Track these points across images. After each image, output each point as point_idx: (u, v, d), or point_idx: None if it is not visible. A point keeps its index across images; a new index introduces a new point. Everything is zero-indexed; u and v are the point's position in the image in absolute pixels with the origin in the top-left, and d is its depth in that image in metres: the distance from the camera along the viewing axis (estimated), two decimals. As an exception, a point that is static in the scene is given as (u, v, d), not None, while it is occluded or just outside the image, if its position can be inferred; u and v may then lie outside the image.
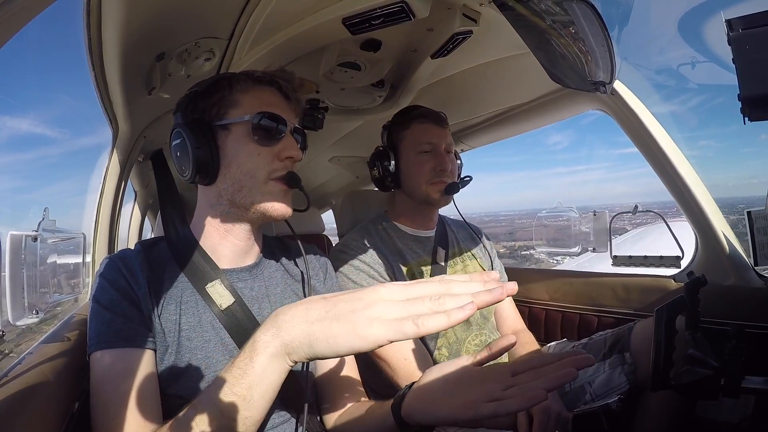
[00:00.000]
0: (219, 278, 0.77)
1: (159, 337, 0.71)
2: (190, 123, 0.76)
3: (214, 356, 0.73)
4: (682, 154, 1.21)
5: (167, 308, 0.73)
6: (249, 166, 0.75)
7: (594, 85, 1.02)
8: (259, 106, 0.76)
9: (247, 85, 0.79)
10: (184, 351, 0.71)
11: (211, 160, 0.75)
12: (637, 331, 1.06)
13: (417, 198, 1.23)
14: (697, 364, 0.69)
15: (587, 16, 0.83)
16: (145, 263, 0.74)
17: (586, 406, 0.85)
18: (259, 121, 0.75)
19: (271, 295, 0.83)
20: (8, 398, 0.56)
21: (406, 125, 1.23)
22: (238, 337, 0.74)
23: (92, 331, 0.68)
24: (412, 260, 1.20)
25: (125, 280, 0.71)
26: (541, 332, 1.59)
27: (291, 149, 0.77)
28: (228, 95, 0.78)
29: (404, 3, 0.91)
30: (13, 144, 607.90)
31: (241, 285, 0.80)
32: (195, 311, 0.74)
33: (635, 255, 1.41)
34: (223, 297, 0.76)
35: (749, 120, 0.48)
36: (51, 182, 34.44)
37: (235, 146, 0.76)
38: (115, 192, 1.25)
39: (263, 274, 0.84)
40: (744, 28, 0.47)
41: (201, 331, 0.73)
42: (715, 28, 0.57)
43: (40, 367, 0.67)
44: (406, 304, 0.47)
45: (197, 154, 0.74)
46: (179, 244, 0.80)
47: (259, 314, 0.78)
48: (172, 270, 0.77)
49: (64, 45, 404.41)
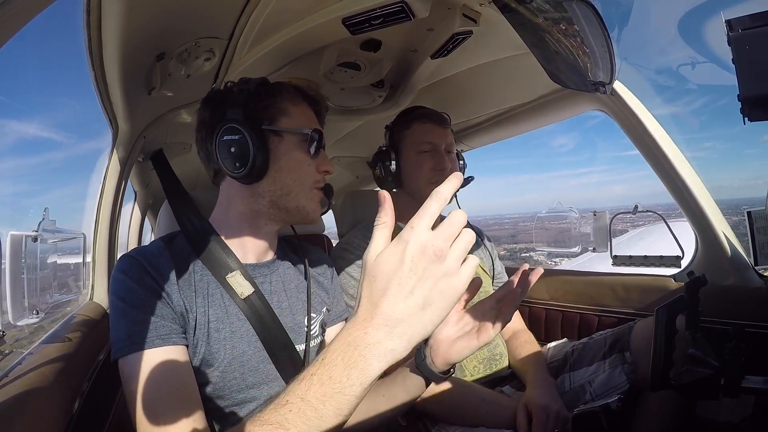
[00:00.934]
0: (239, 269, 0.79)
1: (190, 331, 0.72)
2: (247, 121, 0.78)
3: (240, 346, 0.75)
4: (681, 155, 1.21)
5: (196, 301, 0.74)
6: (299, 174, 0.81)
7: (594, 86, 1.02)
8: (308, 121, 0.84)
9: (297, 99, 0.84)
10: (213, 342, 0.73)
11: (265, 161, 0.78)
12: (637, 331, 1.06)
13: (418, 198, 1.24)
14: (697, 364, 0.69)
15: (587, 16, 0.83)
16: (170, 258, 0.76)
17: (586, 406, 0.85)
18: (314, 136, 0.81)
19: (288, 289, 0.86)
20: (9, 398, 0.56)
21: (408, 125, 1.24)
22: (259, 327, 0.77)
23: (121, 333, 0.67)
24: None
25: (151, 277, 0.71)
26: (542, 332, 1.59)
27: (328, 164, 0.85)
28: (279, 102, 0.82)
29: (404, 3, 0.91)
30: (19, 148, 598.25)
31: (260, 279, 0.83)
32: (221, 303, 0.76)
33: (635, 255, 1.42)
34: (243, 287, 0.78)
35: (749, 120, 0.48)
36: (57, 186, 33.80)
37: (287, 153, 0.80)
38: (115, 192, 1.25)
39: (279, 270, 0.88)
40: (744, 28, 0.47)
41: (228, 322, 0.75)
42: (715, 29, 0.57)
43: (40, 367, 0.67)
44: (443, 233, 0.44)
45: (257, 154, 0.77)
46: (198, 237, 0.82)
47: (277, 306, 0.81)
48: (194, 263, 0.78)
49: (67, 47, 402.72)
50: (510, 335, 1.30)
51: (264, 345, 0.77)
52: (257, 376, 0.76)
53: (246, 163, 0.77)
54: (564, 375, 1.12)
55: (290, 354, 0.80)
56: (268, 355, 0.77)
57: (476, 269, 1.29)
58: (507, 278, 1.41)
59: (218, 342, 0.73)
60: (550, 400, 0.95)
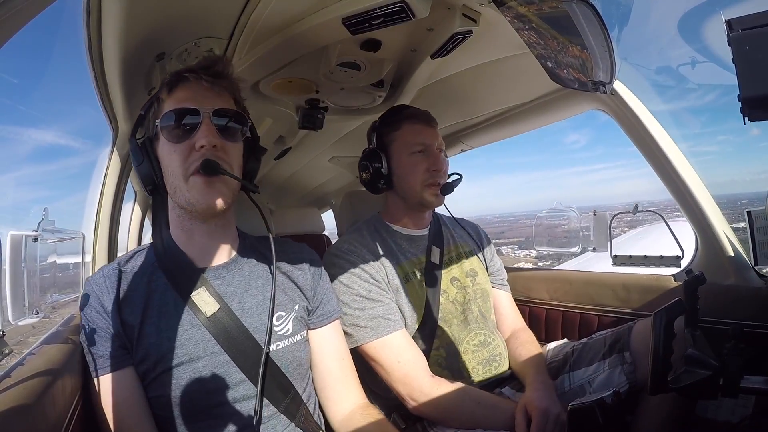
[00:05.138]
0: (203, 285, 0.79)
1: (138, 345, 0.74)
2: (134, 141, 0.80)
3: (196, 353, 0.75)
4: (681, 154, 1.21)
5: (146, 315, 0.76)
6: (171, 167, 0.77)
7: (594, 85, 1.02)
8: (171, 106, 0.77)
9: (165, 91, 0.80)
10: (164, 351, 0.74)
11: (153, 172, 0.78)
12: (637, 331, 1.06)
13: (410, 200, 1.22)
14: (696, 364, 0.69)
15: (587, 16, 0.83)
16: (117, 279, 0.78)
17: (581, 400, 0.85)
18: (165, 122, 0.76)
19: (252, 288, 0.84)
20: (9, 398, 0.56)
21: (397, 126, 1.22)
22: (225, 342, 0.77)
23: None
24: (405, 261, 1.20)
25: (92, 307, 0.76)
26: (542, 332, 1.59)
27: (202, 137, 0.75)
28: (156, 107, 0.80)
29: (404, 3, 0.91)
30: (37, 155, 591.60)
31: (218, 282, 0.81)
32: (174, 313, 0.77)
33: (635, 255, 1.41)
34: (208, 304, 0.78)
35: (749, 120, 0.48)
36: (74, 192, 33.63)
37: (161, 152, 0.79)
38: (115, 192, 1.25)
39: (242, 269, 0.85)
40: (744, 28, 0.47)
41: (181, 330, 0.76)
42: (715, 29, 0.57)
43: (41, 367, 0.67)
44: None
45: (140, 171, 0.78)
46: (162, 250, 0.83)
47: (240, 308, 0.80)
48: (154, 275, 0.80)
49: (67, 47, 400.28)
50: (510, 334, 1.30)
51: (227, 351, 0.77)
52: (218, 381, 0.75)
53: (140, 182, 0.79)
54: (564, 375, 1.12)
55: (258, 357, 0.78)
56: (231, 359, 0.77)
57: (473, 263, 1.28)
58: (506, 275, 1.41)
59: (170, 350, 0.74)
60: (549, 404, 0.95)
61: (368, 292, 1.09)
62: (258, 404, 0.76)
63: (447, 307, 1.19)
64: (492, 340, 1.21)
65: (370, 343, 1.05)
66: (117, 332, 0.74)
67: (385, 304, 1.09)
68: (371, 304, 1.08)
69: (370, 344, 1.05)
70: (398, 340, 1.06)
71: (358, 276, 1.11)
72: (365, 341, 1.05)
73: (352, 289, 1.09)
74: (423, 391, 1.01)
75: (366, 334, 1.05)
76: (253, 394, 0.77)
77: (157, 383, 0.74)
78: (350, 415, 0.89)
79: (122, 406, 0.73)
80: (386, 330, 1.06)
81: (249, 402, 0.77)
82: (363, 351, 1.06)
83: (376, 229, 1.24)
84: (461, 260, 1.28)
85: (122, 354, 0.74)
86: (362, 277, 1.11)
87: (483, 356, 1.18)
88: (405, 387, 1.02)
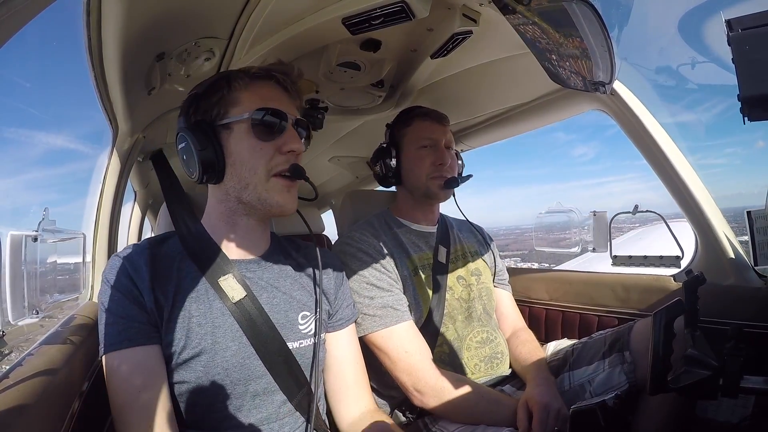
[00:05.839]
0: (231, 272, 0.79)
1: (167, 328, 0.73)
2: (192, 125, 0.79)
3: (224, 342, 0.75)
4: (682, 155, 1.21)
5: (176, 297, 0.75)
6: (251, 163, 0.78)
7: (594, 85, 1.02)
8: (258, 102, 0.78)
9: (245, 82, 0.80)
10: (193, 336, 0.73)
11: (216, 160, 0.77)
12: (637, 331, 1.06)
13: (417, 192, 1.26)
14: (696, 365, 0.69)
15: (587, 16, 0.83)
16: (150, 258, 0.77)
17: (584, 403, 0.86)
18: (259, 117, 0.77)
19: (281, 286, 0.85)
20: (9, 399, 0.56)
21: (408, 122, 1.27)
22: (249, 330, 0.77)
23: (100, 335, 0.73)
24: (415, 254, 1.22)
25: (127, 277, 0.74)
26: (542, 332, 1.59)
27: (292, 142, 0.79)
28: (227, 94, 0.79)
29: (404, 3, 0.91)
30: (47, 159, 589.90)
31: (249, 275, 0.82)
32: (206, 299, 0.77)
33: (635, 255, 1.42)
34: (235, 290, 0.78)
35: (749, 120, 0.48)
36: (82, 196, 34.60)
37: (237, 144, 0.78)
38: (115, 192, 1.25)
39: (271, 266, 0.86)
40: (744, 28, 0.47)
41: (212, 317, 0.76)
42: (715, 29, 0.57)
43: (40, 367, 0.67)
44: None
45: (202, 155, 0.77)
46: (191, 239, 0.83)
47: (268, 302, 0.81)
48: (182, 263, 0.79)
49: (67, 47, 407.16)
50: (510, 333, 1.30)
51: (251, 342, 0.77)
52: (242, 372, 0.76)
53: (196, 167, 0.77)
54: (564, 374, 1.12)
55: (280, 351, 0.79)
56: (255, 351, 0.77)
57: (477, 263, 1.29)
58: (507, 276, 1.41)
59: (199, 336, 0.74)
60: (550, 399, 0.95)
61: (378, 281, 1.10)
62: (279, 399, 0.78)
63: (452, 304, 1.20)
64: (494, 338, 1.22)
65: (377, 333, 1.05)
66: (150, 308, 0.73)
67: (394, 294, 1.10)
68: (381, 293, 1.08)
69: (377, 333, 1.05)
70: (406, 330, 1.06)
71: (369, 264, 1.12)
72: (373, 330, 1.05)
73: (363, 276, 1.09)
74: (428, 382, 1.01)
75: (374, 323, 1.05)
76: (273, 387, 0.78)
77: (182, 369, 0.73)
78: (360, 418, 0.89)
79: (146, 383, 0.70)
80: (394, 320, 1.06)
81: (268, 396, 0.78)
82: (369, 340, 1.06)
83: (386, 222, 1.26)
84: (467, 259, 1.30)
85: (152, 330, 0.73)
86: (373, 265, 1.12)
87: (485, 353, 1.19)
88: (410, 378, 1.02)
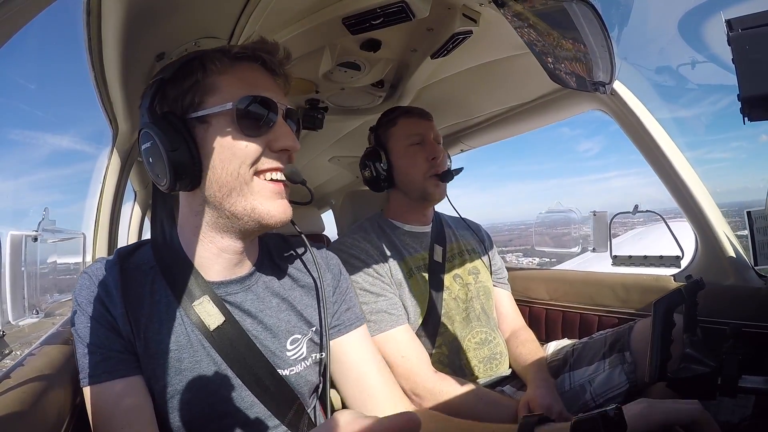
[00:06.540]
0: (206, 294, 0.67)
1: (145, 359, 0.64)
2: (159, 119, 0.64)
3: (206, 376, 0.66)
4: (681, 155, 1.21)
5: (151, 327, 0.65)
6: (235, 164, 0.63)
7: (594, 85, 1.02)
8: (243, 89, 0.64)
9: (224, 65, 0.65)
10: (173, 373, 0.65)
11: (191, 162, 0.62)
12: (637, 331, 1.06)
13: (413, 194, 1.24)
14: (694, 363, 0.69)
15: (587, 16, 0.83)
16: (120, 276, 0.66)
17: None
18: (244, 107, 0.62)
19: (268, 308, 0.73)
20: (9, 399, 0.56)
21: (394, 122, 1.26)
22: (230, 359, 0.67)
23: (78, 363, 0.64)
24: (409, 256, 1.21)
25: (99, 301, 0.64)
26: (542, 332, 1.59)
27: (284, 139, 0.65)
28: (202, 79, 0.64)
29: (404, 3, 0.91)
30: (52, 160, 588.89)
31: (230, 299, 0.71)
32: (182, 330, 0.66)
33: (635, 255, 1.42)
34: (211, 316, 0.67)
35: (749, 120, 0.48)
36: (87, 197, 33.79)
37: (216, 142, 0.63)
38: (115, 192, 1.25)
39: (257, 286, 0.74)
40: (744, 28, 0.47)
41: (192, 351, 0.66)
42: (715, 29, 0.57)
43: (41, 367, 0.67)
44: None
45: (173, 157, 0.61)
46: (164, 252, 0.70)
47: (252, 329, 0.70)
48: (155, 282, 0.68)
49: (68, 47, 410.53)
50: (510, 334, 1.30)
51: (237, 372, 0.67)
52: (229, 405, 0.67)
53: (165, 173, 0.62)
54: (564, 374, 1.12)
55: (270, 378, 0.70)
56: (242, 382, 0.68)
57: (475, 261, 1.28)
58: (506, 274, 1.41)
59: (180, 373, 0.65)
60: (552, 401, 0.95)
61: (371, 286, 1.09)
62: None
63: (450, 304, 1.20)
64: (493, 338, 1.22)
65: (373, 338, 1.05)
66: (126, 335, 0.64)
67: (388, 298, 1.10)
68: (375, 298, 1.08)
69: (373, 339, 1.05)
70: (402, 335, 1.06)
71: (362, 270, 1.11)
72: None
73: (356, 282, 1.09)
74: (426, 386, 1.01)
75: (369, 329, 1.05)
76: (265, 414, 0.70)
77: (165, 406, 0.65)
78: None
79: (129, 420, 0.61)
80: (390, 324, 1.06)
81: (261, 423, 0.70)
82: None
83: (379, 226, 1.25)
84: (464, 258, 1.29)
85: (132, 360, 0.64)
86: (366, 271, 1.11)
87: (484, 354, 1.18)
88: (408, 382, 1.02)
